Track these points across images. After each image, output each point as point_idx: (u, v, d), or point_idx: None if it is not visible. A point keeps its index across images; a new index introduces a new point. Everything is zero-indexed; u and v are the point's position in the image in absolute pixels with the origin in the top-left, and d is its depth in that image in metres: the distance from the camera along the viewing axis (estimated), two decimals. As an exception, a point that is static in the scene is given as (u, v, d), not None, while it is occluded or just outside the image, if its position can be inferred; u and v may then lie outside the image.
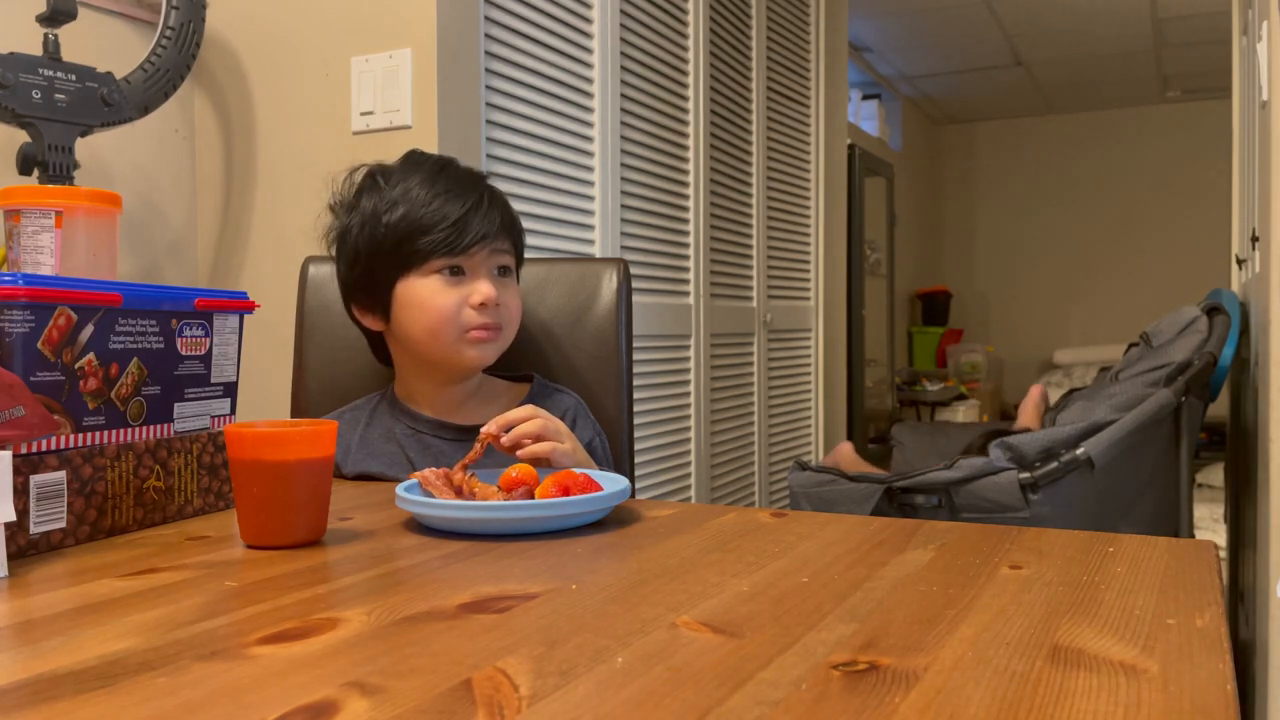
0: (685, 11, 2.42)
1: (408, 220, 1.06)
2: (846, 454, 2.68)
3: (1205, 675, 0.45)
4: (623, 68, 2.15)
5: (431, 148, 1.55)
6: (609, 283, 1.25)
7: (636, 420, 2.21)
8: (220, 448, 0.89)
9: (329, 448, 0.76)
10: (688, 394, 2.45)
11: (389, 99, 1.60)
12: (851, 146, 4.16)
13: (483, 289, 1.07)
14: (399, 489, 0.82)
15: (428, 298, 1.07)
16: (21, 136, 1.42)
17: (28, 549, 0.70)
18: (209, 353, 0.89)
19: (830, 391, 3.36)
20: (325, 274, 1.28)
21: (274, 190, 1.73)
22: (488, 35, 1.72)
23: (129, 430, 0.80)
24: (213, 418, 0.90)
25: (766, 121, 2.87)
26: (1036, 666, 0.46)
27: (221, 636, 0.52)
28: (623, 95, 2.15)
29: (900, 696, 0.43)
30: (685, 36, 2.43)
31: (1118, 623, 0.53)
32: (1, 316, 0.70)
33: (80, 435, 0.76)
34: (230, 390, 0.92)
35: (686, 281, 2.44)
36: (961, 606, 0.56)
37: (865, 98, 5.15)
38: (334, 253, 1.13)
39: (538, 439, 0.95)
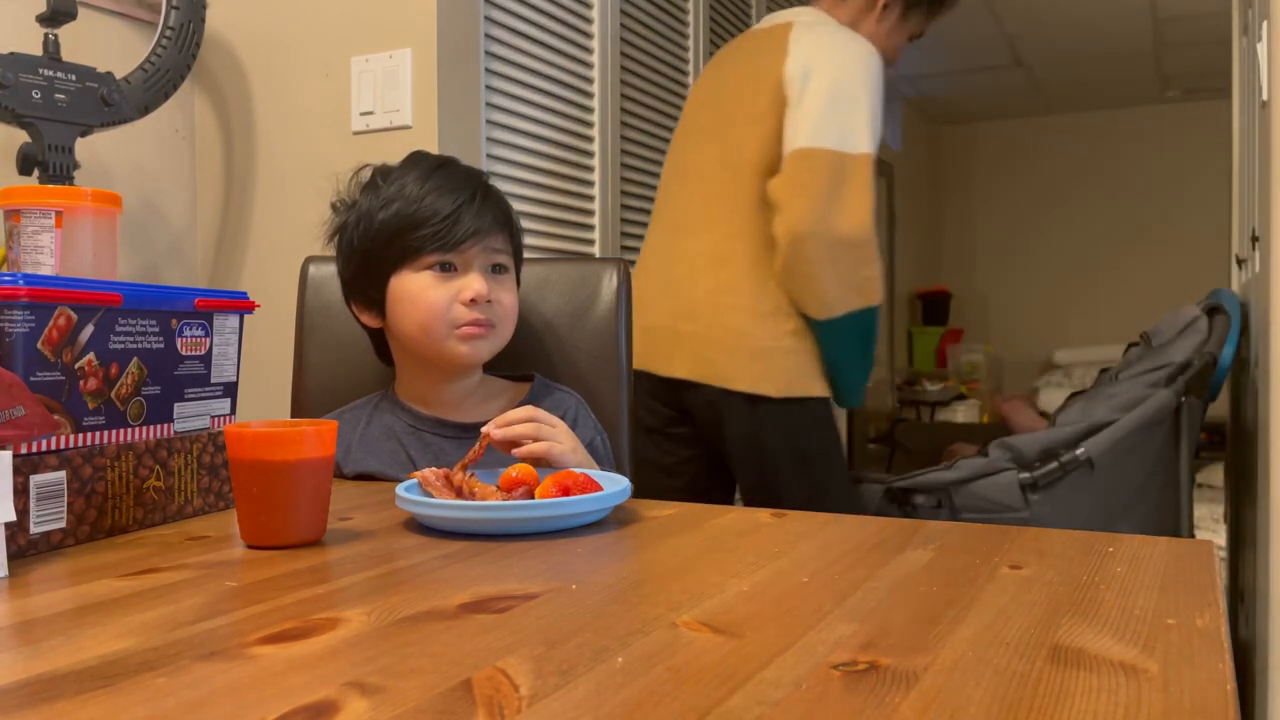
0: (685, 11, 2.41)
1: (400, 216, 1.06)
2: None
3: (1205, 675, 0.45)
4: (623, 68, 2.15)
5: (431, 148, 1.55)
6: (609, 283, 1.25)
7: (636, 420, 2.20)
8: (220, 448, 0.89)
9: (329, 448, 0.76)
10: (688, 394, 2.44)
11: (389, 99, 1.60)
12: (851, 146, 4.14)
13: (473, 284, 1.06)
14: (399, 489, 0.82)
15: (418, 293, 1.07)
16: (21, 136, 1.42)
17: (28, 549, 0.70)
18: (209, 353, 0.89)
19: (830, 391, 3.35)
20: (325, 274, 1.28)
21: (274, 190, 1.73)
22: (488, 35, 1.72)
23: (129, 430, 0.80)
24: (213, 418, 0.90)
25: (766, 121, 2.86)
26: (1036, 666, 0.46)
27: (221, 636, 0.52)
28: (623, 95, 2.15)
29: (900, 696, 0.43)
30: (685, 36, 2.42)
31: (1118, 623, 0.53)
32: (1, 316, 0.70)
33: (80, 435, 0.76)
34: (230, 390, 0.92)
35: (686, 281, 2.44)
36: (961, 606, 0.56)
37: (865, 98, 5.14)
38: (334, 250, 1.14)
39: (534, 439, 0.95)
